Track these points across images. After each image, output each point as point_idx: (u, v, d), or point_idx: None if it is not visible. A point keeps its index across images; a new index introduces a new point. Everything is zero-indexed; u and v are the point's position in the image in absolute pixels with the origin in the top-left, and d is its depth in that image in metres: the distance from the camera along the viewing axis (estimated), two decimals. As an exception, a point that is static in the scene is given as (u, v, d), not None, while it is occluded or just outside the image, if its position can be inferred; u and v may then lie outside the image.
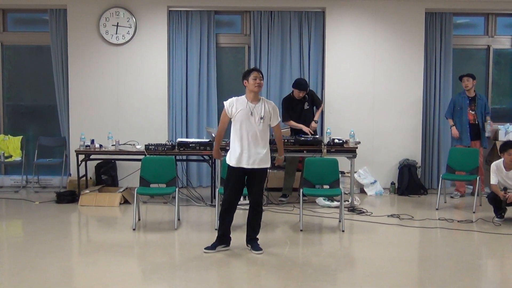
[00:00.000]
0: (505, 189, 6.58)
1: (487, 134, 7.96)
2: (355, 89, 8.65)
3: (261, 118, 5.31)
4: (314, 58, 8.75)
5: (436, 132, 8.78)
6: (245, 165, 5.29)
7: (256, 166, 5.32)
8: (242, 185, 5.42)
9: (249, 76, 5.33)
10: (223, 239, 5.48)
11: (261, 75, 5.36)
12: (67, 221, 6.97)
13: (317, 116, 7.84)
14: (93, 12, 8.55)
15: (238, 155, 5.29)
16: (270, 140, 5.54)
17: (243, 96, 5.42)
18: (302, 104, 7.76)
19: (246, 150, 5.28)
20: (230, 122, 5.44)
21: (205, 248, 5.40)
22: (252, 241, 5.46)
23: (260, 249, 5.38)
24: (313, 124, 7.71)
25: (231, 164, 5.34)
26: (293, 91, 7.72)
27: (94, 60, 8.61)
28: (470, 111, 7.91)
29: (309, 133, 7.56)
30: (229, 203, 5.41)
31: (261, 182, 5.45)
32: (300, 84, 7.68)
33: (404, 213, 7.08)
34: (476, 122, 7.98)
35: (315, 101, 7.88)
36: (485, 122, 7.94)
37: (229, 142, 5.48)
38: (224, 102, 5.44)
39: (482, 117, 7.98)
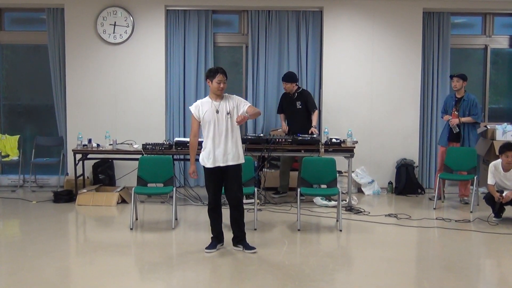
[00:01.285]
0: (501, 192, 6.55)
1: (455, 131, 7.68)
2: (353, 89, 8.66)
3: (227, 113, 5.32)
4: (312, 58, 8.75)
5: (434, 132, 8.78)
6: (220, 163, 5.31)
7: (230, 163, 5.33)
8: (222, 182, 5.46)
9: (214, 79, 5.33)
10: (219, 238, 5.52)
11: (225, 78, 5.36)
12: (64, 221, 6.96)
13: (314, 122, 7.84)
14: (91, 11, 8.54)
15: (212, 155, 5.30)
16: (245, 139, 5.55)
17: (207, 97, 5.47)
18: (294, 102, 7.80)
19: (218, 149, 5.30)
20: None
21: (206, 248, 5.41)
22: (242, 242, 5.45)
23: (253, 248, 5.38)
24: (312, 129, 7.73)
25: (207, 166, 5.35)
26: None
27: (91, 59, 8.60)
28: (455, 112, 7.70)
29: (283, 132, 7.78)
30: (215, 201, 5.47)
31: (238, 178, 5.45)
32: (285, 75, 7.89)
33: (401, 212, 7.08)
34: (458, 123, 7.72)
35: (309, 104, 7.86)
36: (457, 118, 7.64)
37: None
38: (190, 108, 5.47)
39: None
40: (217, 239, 5.49)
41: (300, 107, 7.79)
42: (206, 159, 5.34)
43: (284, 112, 8.07)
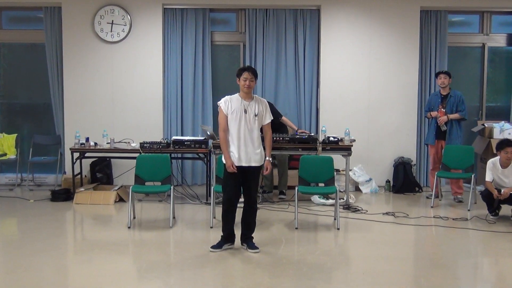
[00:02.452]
0: (499, 191, 6.55)
1: (443, 129, 7.68)
2: (350, 87, 8.66)
3: (255, 115, 5.30)
4: (309, 56, 8.75)
5: (431, 130, 8.79)
6: (243, 163, 5.28)
7: (253, 164, 5.31)
8: (240, 183, 5.38)
9: (241, 76, 5.30)
10: (229, 238, 5.47)
11: (252, 76, 5.29)
12: (62, 219, 6.95)
13: (293, 125, 7.91)
14: (88, 10, 8.53)
15: (236, 154, 5.25)
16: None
17: (237, 94, 5.40)
18: None
19: (243, 148, 5.26)
20: None
21: (212, 247, 5.38)
22: (247, 240, 5.45)
23: (256, 248, 5.37)
24: (302, 130, 7.79)
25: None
26: None
27: (89, 58, 8.59)
28: (442, 109, 7.68)
29: None
30: (231, 202, 5.36)
31: (257, 179, 5.47)
32: None
33: (399, 211, 7.09)
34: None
35: (273, 114, 7.78)
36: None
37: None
38: (219, 102, 5.38)
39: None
40: (225, 239, 5.44)
41: None
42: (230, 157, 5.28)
43: None
